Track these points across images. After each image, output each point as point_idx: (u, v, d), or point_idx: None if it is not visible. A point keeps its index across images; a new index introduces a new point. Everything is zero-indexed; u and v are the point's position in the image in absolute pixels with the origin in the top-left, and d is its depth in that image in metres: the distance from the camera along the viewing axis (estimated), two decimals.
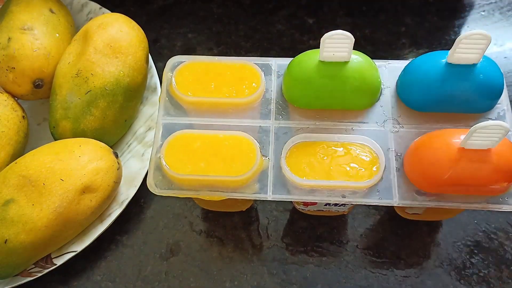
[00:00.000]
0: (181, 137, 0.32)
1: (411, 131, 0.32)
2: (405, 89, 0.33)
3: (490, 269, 0.38)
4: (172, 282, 0.39)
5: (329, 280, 0.38)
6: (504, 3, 0.52)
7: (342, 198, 0.30)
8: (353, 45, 0.30)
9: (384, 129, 0.32)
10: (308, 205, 0.37)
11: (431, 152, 0.29)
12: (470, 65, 0.30)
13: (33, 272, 0.37)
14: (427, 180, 0.29)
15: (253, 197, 0.31)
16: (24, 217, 0.34)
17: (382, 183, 0.30)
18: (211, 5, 0.54)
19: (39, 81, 0.41)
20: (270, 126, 0.33)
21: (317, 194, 0.30)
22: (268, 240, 0.40)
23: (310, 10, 0.52)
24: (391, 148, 0.31)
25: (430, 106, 0.32)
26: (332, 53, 0.30)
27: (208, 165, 0.31)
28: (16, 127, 0.40)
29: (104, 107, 0.40)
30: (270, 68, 0.35)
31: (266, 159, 0.31)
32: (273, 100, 0.33)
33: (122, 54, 0.40)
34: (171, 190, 0.31)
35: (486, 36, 0.28)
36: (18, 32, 0.40)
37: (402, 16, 0.51)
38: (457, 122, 0.32)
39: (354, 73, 0.31)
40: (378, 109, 0.33)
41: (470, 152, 0.28)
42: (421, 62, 0.32)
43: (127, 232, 0.41)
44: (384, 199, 0.30)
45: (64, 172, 0.35)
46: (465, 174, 0.28)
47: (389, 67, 0.34)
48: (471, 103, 0.31)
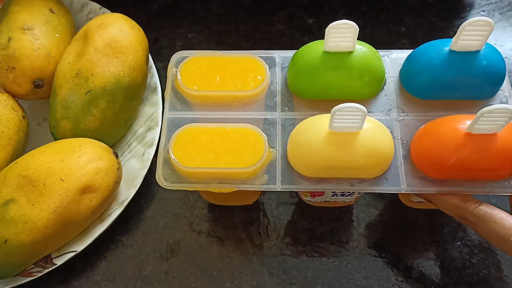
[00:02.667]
0: (188, 130, 0.32)
1: (416, 119, 0.32)
2: (409, 78, 0.33)
3: (490, 269, 0.38)
4: (172, 282, 0.39)
5: (329, 280, 0.38)
6: (504, 3, 0.52)
7: (350, 186, 0.30)
8: (357, 35, 0.30)
9: (389, 117, 0.32)
10: (315, 195, 0.37)
11: (437, 138, 0.30)
12: (473, 52, 0.30)
13: (33, 272, 0.37)
14: (434, 166, 0.30)
15: (263, 188, 0.31)
16: (24, 217, 0.34)
17: (390, 171, 0.31)
18: (211, 5, 0.54)
19: (39, 81, 0.41)
20: (276, 118, 0.33)
21: (325, 184, 0.31)
22: (268, 240, 0.40)
23: (310, 10, 0.52)
24: (397, 136, 0.32)
25: (434, 93, 0.32)
26: (337, 43, 0.31)
27: (216, 158, 0.31)
28: (16, 127, 0.40)
29: (104, 107, 0.40)
30: (274, 61, 0.35)
31: (273, 150, 0.32)
32: (279, 92, 0.34)
33: (122, 54, 0.40)
34: (180, 184, 0.31)
35: (489, 22, 0.28)
36: (18, 32, 0.40)
37: (402, 16, 0.51)
38: (460, 109, 0.32)
39: (358, 63, 0.31)
40: (382, 98, 0.33)
41: (477, 136, 0.28)
42: (424, 50, 0.32)
43: (127, 232, 0.41)
44: (391, 186, 0.30)
45: (64, 172, 0.35)
46: (471, 158, 0.28)
47: (392, 57, 0.35)
48: (474, 89, 0.32)
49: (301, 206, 0.42)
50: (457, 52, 0.31)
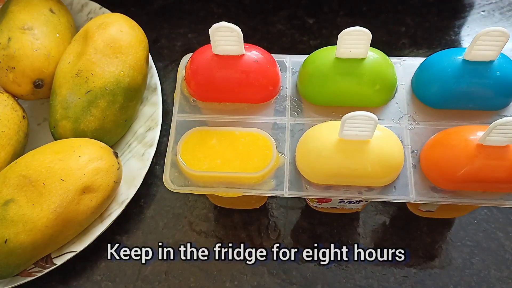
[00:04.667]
0: (197, 133, 0.32)
1: (426, 128, 0.32)
2: (421, 86, 0.33)
3: (490, 269, 0.38)
4: (172, 282, 0.39)
5: (329, 280, 0.38)
6: (504, 3, 0.52)
7: (359, 194, 0.30)
8: (370, 41, 0.30)
9: (400, 126, 0.32)
10: (322, 202, 0.37)
11: (449, 148, 0.29)
12: (487, 62, 0.30)
13: (33, 272, 0.37)
14: (444, 176, 0.29)
15: (270, 194, 0.31)
16: (24, 217, 0.34)
17: (399, 180, 0.30)
18: (211, 5, 0.54)
19: (39, 81, 0.41)
20: (285, 123, 0.33)
21: (333, 191, 0.30)
22: (268, 240, 0.40)
23: (310, 10, 0.52)
24: (407, 145, 0.31)
25: (446, 103, 0.32)
26: (349, 50, 0.30)
27: (225, 162, 0.31)
28: (16, 127, 0.40)
29: (104, 107, 0.40)
30: (285, 65, 0.35)
31: (282, 155, 0.31)
32: (288, 97, 0.34)
33: (122, 54, 0.40)
34: (187, 187, 0.31)
35: (504, 33, 0.28)
36: (18, 32, 0.40)
37: (402, 16, 0.51)
38: (472, 119, 0.32)
39: (370, 70, 0.31)
40: (393, 106, 0.33)
41: (489, 148, 0.28)
42: (437, 59, 0.32)
43: (127, 232, 0.41)
44: (400, 195, 0.30)
45: (64, 172, 0.35)
46: (483, 170, 0.28)
47: (404, 64, 0.34)
48: (487, 100, 0.31)
49: (301, 207, 0.42)
50: (471, 62, 0.30)
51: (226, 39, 0.30)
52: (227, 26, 0.29)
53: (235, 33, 0.30)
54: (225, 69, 0.31)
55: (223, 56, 0.31)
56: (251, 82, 0.32)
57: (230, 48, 0.31)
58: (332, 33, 0.51)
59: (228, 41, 0.30)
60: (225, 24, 0.29)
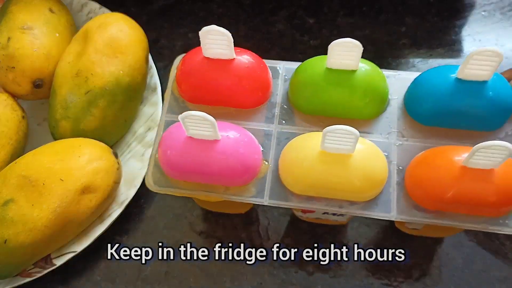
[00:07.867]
0: None
1: (415, 145, 0.31)
2: (413, 102, 0.32)
3: (490, 269, 0.38)
4: (172, 282, 0.39)
5: (329, 281, 0.38)
6: (505, 3, 0.52)
7: (339, 208, 0.30)
8: (361, 53, 0.29)
9: (388, 141, 0.31)
10: (306, 212, 0.37)
11: (432, 168, 0.28)
12: (481, 81, 0.29)
13: (33, 272, 0.37)
14: (427, 196, 0.29)
15: (250, 201, 0.30)
16: (24, 217, 0.34)
17: (382, 196, 0.30)
18: (211, 5, 0.53)
19: (39, 81, 0.41)
20: (272, 130, 0.32)
21: (315, 203, 0.30)
22: (268, 241, 0.40)
23: (310, 10, 0.52)
24: (393, 160, 0.31)
25: (437, 120, 0.31)
26: (340, 61, 0.30)
27: None
28: (16, 127, 0.40)
29: (104, 107, 0.40)
30: (278, 72, 0.34)
31: (266, 163, 0.31)
32: (278, 104, 0.33)
33: (122, 54, 0.40)
34: (167, 188, 0.31)
35: (498, 53, 0.27)
36: (18, 32, 0.40)
37: (402, 16, 0.51)
38: (463, 139, 0.31)
39: (361, 82, 0.30)
40: (383, 120, 0.32)
41: (472, 171, 0.27)
42: (431, 76, 0.31)
43: (127, 232, 0.41)
44: (382, 212, 0.29)
45: (64, 172, 0.35)
46: (466, 193, 0.27)
47: (399, 77, 0.33)
48: (479, 120, 0.30)
49: None
50: (464, 81, 0.29)
51: (216, 43, 0.30)
52: (217, 30, 0.29)
53: (225, 37, 0.29)
54: (215, 72, 0.31)
55: (214, 59, 0.31)
56: (241, 87, 0.32)
57: (220, 52, 0.30)
58: (332, 33, 0.51)
59: (218, 45, 0.30)
60: (215, 27, 0.29)
